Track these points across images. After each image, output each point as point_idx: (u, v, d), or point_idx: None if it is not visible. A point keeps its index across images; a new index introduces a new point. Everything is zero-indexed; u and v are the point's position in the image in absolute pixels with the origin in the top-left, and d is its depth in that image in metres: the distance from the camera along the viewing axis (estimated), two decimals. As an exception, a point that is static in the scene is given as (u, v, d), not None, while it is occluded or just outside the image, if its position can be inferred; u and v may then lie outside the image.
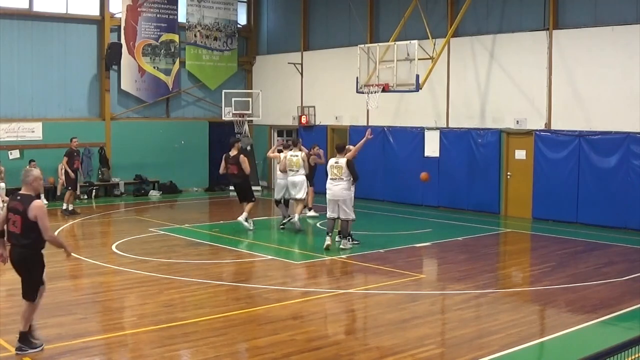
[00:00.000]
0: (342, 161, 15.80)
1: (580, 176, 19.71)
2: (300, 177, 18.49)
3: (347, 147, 16.69)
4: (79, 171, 22.39)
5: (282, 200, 19.11)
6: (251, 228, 18.32)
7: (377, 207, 23.13)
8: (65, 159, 21.46)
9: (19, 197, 9.16)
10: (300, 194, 18.41)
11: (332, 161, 16.10)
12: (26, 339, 9.12)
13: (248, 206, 18.20)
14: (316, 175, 20.68)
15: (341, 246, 16.00)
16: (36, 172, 9.28)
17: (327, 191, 15.99)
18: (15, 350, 9.02)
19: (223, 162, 18.38)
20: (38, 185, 9.31)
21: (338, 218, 15.97)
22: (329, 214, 16.04)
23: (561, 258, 15.35)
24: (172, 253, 15.70)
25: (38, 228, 8.95)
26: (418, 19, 21.29)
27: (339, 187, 15.74)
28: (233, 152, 18.19)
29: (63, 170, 21.75)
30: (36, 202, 9.01)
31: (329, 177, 15.94)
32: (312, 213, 20.55)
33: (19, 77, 24.41)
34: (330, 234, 15.95)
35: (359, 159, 21.13)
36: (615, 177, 19.00)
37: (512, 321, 10.74)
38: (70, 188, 21.48)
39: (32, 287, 9.19)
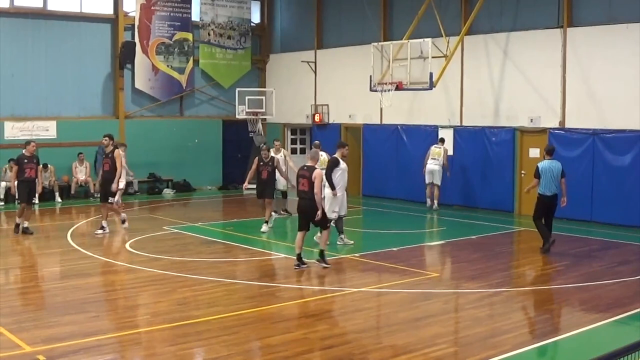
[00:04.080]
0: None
1: (595, 174, 19.62)
2: None
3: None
4: (37, 181, 18.24)
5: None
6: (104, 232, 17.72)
7: (391, 205, 23.08)
8: (15, 167, 18.08)
9: (305, 168, 13.88)
10: None
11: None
12: (324, 256, 13.99)
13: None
14: None
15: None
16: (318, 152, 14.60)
17: None
18: (324, 264, 13.88)
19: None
20: (318, 159, 14.36)
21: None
22: None
23: (575, 257, 15.28)
24: (186, 251, 15.73)
25: (319, 186, 13.51)
26: (432, 17, 21.24)
27: None
28: (108, 149, 17.71)
29: (15, 182, 18.07)
30: (317, 170, 13.66)
31: None
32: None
33: (33, 76, 24.52)
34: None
35: (371, 156, 21.16)
36: (629, 176, 18.90)
37: (525, 320, 10.72)
38: (20, 202, 18.05)
39: (322, 222, 13.85)
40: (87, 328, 10.03)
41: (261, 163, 18.22)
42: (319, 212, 13.66)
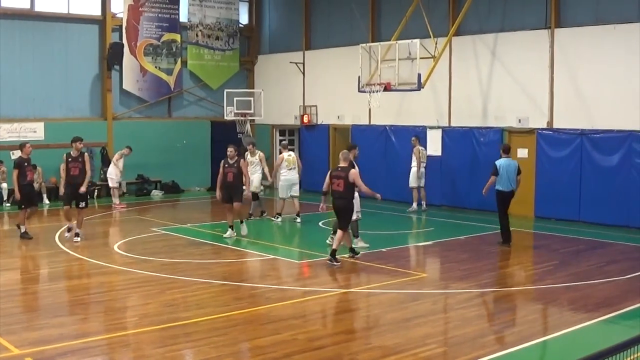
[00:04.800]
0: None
1: (583, 175, 19.68)
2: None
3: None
4: (34, 184, 18.01)
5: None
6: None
7: (380, 205, 23.03)
8: (16, 171, 17.39)
9: (339, 168, 14.45)
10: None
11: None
12: (334, 256, 14.10)
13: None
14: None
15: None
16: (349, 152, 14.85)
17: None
18: (335, 263, 14.00)
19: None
20: (350, 158, 14.64)
21: None
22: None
23: (563, 256, 15.33)
24: (174, 253, 15.69)
25: (352, 186, 14.29)
26: (420, 18, 21.25)
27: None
28: (76, 153, 17.09)
29: (16, 186, 17.33)
30: (353, 170, 14.33)
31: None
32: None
33: (20, 77, 24.41)
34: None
35: (360, 157, 21.03)
36: (617, 176, 18.97)
37: (514, 320, 10.73)
38: (24, 207, 17.39)
39: (346, 222, 14.37)
40: (75, 330, 10.00)
41: (226, 165, 17.32)
42: (378, 196, 15.21)
